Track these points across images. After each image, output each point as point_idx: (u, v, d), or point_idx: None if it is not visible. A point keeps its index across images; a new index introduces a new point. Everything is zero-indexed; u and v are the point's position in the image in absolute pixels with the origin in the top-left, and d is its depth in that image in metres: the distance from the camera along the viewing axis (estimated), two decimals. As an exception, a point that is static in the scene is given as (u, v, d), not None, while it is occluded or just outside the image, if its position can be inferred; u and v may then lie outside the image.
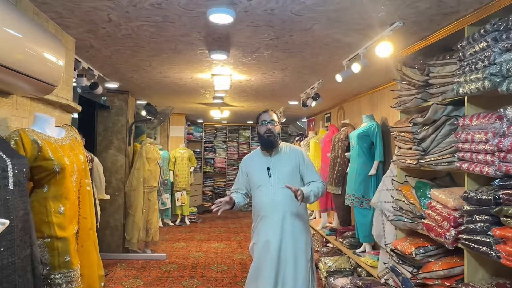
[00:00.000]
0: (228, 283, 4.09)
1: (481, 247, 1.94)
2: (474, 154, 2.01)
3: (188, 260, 4.93)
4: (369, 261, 3.74)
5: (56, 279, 1.88)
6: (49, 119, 2.00)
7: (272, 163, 2.39)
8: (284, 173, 2.35)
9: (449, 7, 2.07)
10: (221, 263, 4.84)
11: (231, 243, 5.93)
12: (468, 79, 2.05)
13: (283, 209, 2.30)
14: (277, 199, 2.31)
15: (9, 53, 1.61)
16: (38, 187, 1.90)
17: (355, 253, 4.13)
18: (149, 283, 4.05)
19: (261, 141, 2.44)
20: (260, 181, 2.37)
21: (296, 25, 2.41)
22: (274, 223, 2.29)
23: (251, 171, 2.44)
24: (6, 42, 1.59)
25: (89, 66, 3.50)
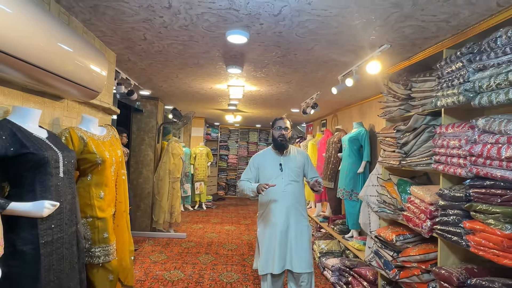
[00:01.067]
0: (237, 260, 4.09)
1: (452, 236, 1.91)
2: (449, 157, 1.98)
3: (204, 239, 4.94)
4: (356, 245, 3.70)
5: (96, 252, 1.89)
6: (93, 120, 2.01)
7: (284, 161, 2.41)
8: (293, 169, 2.39)
9: (430, 32, 2.04)
10: (231, 243, 4.84)
11: (240, 226, 5.92)
12: (445, 94, 2.01)
13: (291, 198, 2.34)
14: (287, 189, 2.34)
15: (62, 65, 1.63)
16: (83, 175, 1.92)
17: (344, 238, 4.09)
18: (171, 257, 4.07)
19: (274, 143, 2.46)
20: (273, 174, 2.38)
21: (300, 46, 2.40)
22: (284, 208, 2.31)
23: (264, 166, 2.44)
24: (59, 55, 1.61)
25: (127, 76, 3.52)
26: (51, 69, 1.53)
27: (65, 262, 1.49)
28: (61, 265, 1.47)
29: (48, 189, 1.43)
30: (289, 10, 1.82)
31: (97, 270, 1.90)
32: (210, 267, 3.77)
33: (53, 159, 1.47)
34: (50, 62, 1.52)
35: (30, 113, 1.52)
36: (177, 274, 3.51)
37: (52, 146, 1.52)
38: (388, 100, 2.82)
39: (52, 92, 1.85)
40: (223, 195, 9.38)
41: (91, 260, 1.88)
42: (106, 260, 1.92)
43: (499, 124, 1.61)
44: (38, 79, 1.55)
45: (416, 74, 2.43)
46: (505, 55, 1.62)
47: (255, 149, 9.92)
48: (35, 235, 1.37)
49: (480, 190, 1.74)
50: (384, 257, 2.61)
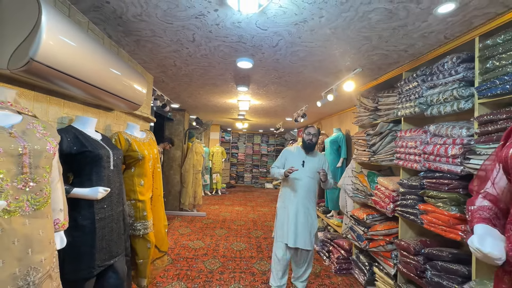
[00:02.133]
0: (244, 233, 4.07)
1: (410, 216, 1.89)
2: (407, 155, 1.96)
3: (219, 217, 4.93)
4: (335, 222, 3.67)
5: (138, 226, 1.89)
6: (136, 126, 2.02)
7: (307, 159, 2.34)
8: (312, 168, 2.32)
9: (392, 59, 2.02)
10: (240, 220, 4.83)
11: (247, 208, 5.91)
12: (404, 106, 1.99)
13: (305, 189, 2.27)
14: (304, 182, 2.28)
15: (113, 84, 1.65)
16: (128, 168, 1.93)
17: (326, 216, 4.07)
18: (195, 231, 4.07)
19: (303, 144, 2.36)
20: (296, 167, 2.29)
21: (292, 69, 2.39)
22: (298, 195, 2.26)
23: (290, 158, 2.36)
24: (111, 77, 1.62)
25: (161, 93, 3.54)
26: (105, 88, 1.55)
27: (114, 234, 1.50)
28: (111, 236, 1.48)
29: (102, 178, 1.44)
30: (284, 42, 1.82)
31: (138, 240, 1.91)
32: (224, 238, 3.76)
33: (105, 156, 1.48)
34: (104, 82, 1.53)
35: (88, 121, 1.54)
36: (198, 244, 3.51)
37: (105, 146, 1.53)
38: (360, 111, 2.80)
39: (105, 105, 1.86)
40: (234, 184, 9.37)
41: (134, 232, 1.88)
42: (145, 233, 1.92)
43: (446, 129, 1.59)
44: (95, 95, 1.56)
45: (382, 91, 2.41)
46: (450, 76, 1.60)
47: (258, 149, 9.91)
48: (92, 213, 1.38)
49: (431, 180, 1.72)
50: (357, 232, 2.59)
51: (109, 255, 1.45)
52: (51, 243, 1.03)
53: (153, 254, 2.01)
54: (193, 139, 5.49)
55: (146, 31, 1.73)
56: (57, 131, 1.28)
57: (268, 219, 4.99)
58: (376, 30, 1.59)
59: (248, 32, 1.70)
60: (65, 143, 1.35)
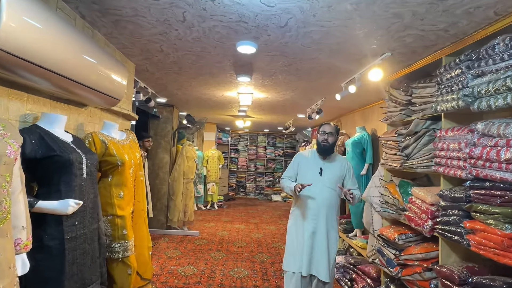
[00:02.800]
0: (246, 256, 4.06)
1: (453, 236, 1.86)
2: (449, 160, 1.94)
3: (216, 237, 4.94)
4: (360, 243, 3.64)
5: (116, 247, 1.91)
6: (114, 125, 2.04)
7: (325, 166, 2.24)
8: (332, 177, 2.21)
9: (429, 40, 2.01)
10: (241, 240, 4.82)
11: (249, 225, 5.90)
12: (444, 99, 1.98)
13: (324, 205, 2.17)
14: (323, 195, 2.17)
15: (86, 75, 1.67)
16: (104, 176, 1.95)
17: (348, 236, 4.04)
18: (185, 253, 4.07)
19: (318, 147, 2.28)
20: (311, 176, 2.21)
21: (305, 55, 2.39)
22: (316, 213, 2.15)
23: (304, 166, 2.28)
24: (84, 66, 1.64)
25: (145, 85, 3.57)
26: (77, 79, 1.56)
27: (87, 257, 1.51)
28: (83, 259, 1.48)
29: (73, 189, 1.46)
30: (294, 22, 1.82)
31: (117, 265, 1.92)
32: (221, 263, 3.76)
33: (77, 161, 1.49)
34: (76, 72, 1.55)
35: (57, 119, 1.56)
36: (190, 269, 3.51)
37: (77, 149, 1.55)
38: (389, 106, 2.78)
39: (77, 100, 1.88)
40: (234, 196, 9.37)
41: (111, 255, 1.89)
42: (125, 255, 1.93)
43: (498, 128, 1.57)
44: (65, 88, 1.58)
45: (416, 81, 2.39)
46: (502, 61, 1.58)
47: (263, 152, 9.91)
48: (61, 231, 1.39)
49: (480, 191, 1.69)
50: (387, 255, 2.56)
51: (81, 283, 1.46)
52: (11, 268, 1.04)
53: (134, 282, 2.02)
54: (183, 140, 5.53)
55: (127, 9, 1.75)
56: (19, 131, 1.29)
57: (276, 239, 4.97)
58: (408, 5, 1.58)
59: (251, 10, 1.70)
60: (28, 146, 1.36)
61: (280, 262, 3.88)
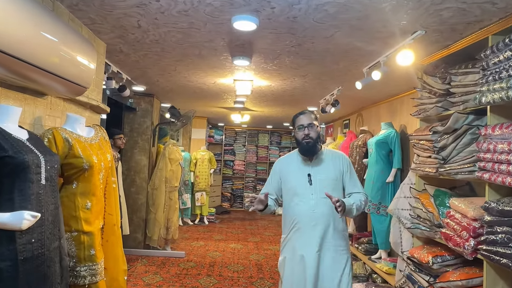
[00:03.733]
0: (244, 283, 4.07)
1: (501, 258, 1.86)
2: (496, 164, 1.94)
3: (206, 259, 4.95)
4: (385, 267, 3.65)
5: (82, 271, 1.91)
6: (80, 119, 2.04)
7: (314, 170, 2.08)
8: (327, 181, 2.05)
9: (473, 16, 2.01)
10: (237, 263, 4.83)
11: (248, 244, 5.91)
12: (491, 89, 1.98)
13: (325, 222, 2.00)
14: (318, 210, 2.00)
15: (45, 56, 1.67)
16: (67, 183, 1.95)
17: (371, 259, 4.05)
18: (168, 279, 4.08)
19: (300, 147, 2.13)
20: (299, 189, 2.06)
21: (318, 33, 2.40)
22: (314, 237, 1.99)
23: (287, 176, 2.13)
24: (43, 46, 1.65)
25: (118, 70, 3.58)
26: (33, 61, 1.57)
27: (46, 282, 1.51)
28: (42, 285, 1.49)
29: (28, 198, 1.46)
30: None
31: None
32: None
33: (34, 164, 1.50)
34: (32, 53, 1.56)
35: (9, 111, 1.56)
36: (174, 299, 3.53)
37: (33, 149, 1.55)
38: (422, 97, 2.79)
39: (34, 88, 1.89)
40: (228, 208, 9.40)
41: (76, 281, 1.89)
42: (93, 281, 1.93)
43: (557, 124, 1.58)
44: (18, 73, 1.58)
45: (456, 66, 2.40)
46: None
47: (265, 154, 9.92)
48: (13, 250, 1.39)
49: (535, 203, 1.70)
50: (419, 283, 2.57)
51: (39, 315, 1.47)
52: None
53: (105, 315, 2.02)
54: (166, 139, 5.55)
55: (96, -25, 1.76)
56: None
57: (281, 262, 4.99)
58: (447, -29, 1.59)
59: (251, -24, 1.71)
60: (-27, 144, 1.37)
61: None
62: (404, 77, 3.28)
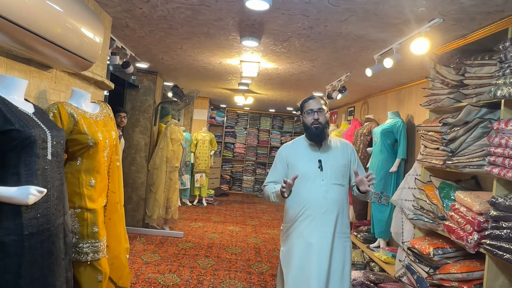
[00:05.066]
0: (241, 266, 4.13)
1: (505, 253, 1.87)
2: (507, 159, 1.93)
3: (204, 240, 5.01)
4: (383, 256, 3.70)
5: (84, 248, 1.92)
6: (85, 94, 2.02)
7: (323, 156, 2.06)
8: (337, 167, 2.04)
9: (494, 5, 1.96)
10: (235, 246, 4.89)
11: (246, 227, 5.98)
12: (508, 82, 1.95)
13: (337, 209, 1.99)
14: (330, 196, 1.98)
15: (50, 26, 1.63)
16: (72, 159, 1.94)
17: (369, 247, 4.10)
18: (166, 258, 4.14)
19: (308, 133, 2.10)
20: (308, 174, 2.02)
21: (332, 16, 2.34)
22: (325, 224, 1.97)
23: (296, 162, 2.09)
24: (47, 15, 1.61)
25: (123, 45, 3.52)
26: (37, 31, 1.53)
27: (51, 258, 1.52)
28: (46, 261, 1.50)
29: (34, 173, 1.45)
30: (323, -29, 1.77)
31: (85, 269, 1.94)
32: (210, 273, 3.82)
33: (40, 139, 1.48)
34: (36, 22, 1.52)
35: (15, 83, 1.53)
36: (172, 278, 3.58)
37: (40, 123, 1.54)
38: (434, 87, 2.75)
39: (39, 60, 1.85)
40: (227, 190, 9.44)
41: (78, 257, 1.91)
42: (95, 258, 1.95)
43: None
44: (23, 43, 1.55)
45: (472, 57, 2.36)
46: None
47: (266, 138, 9.90)
48: (19, 225, 1.40)
49: (544, 200, 1.70)
50: (418, 273, 2.60)
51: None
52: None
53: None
54: (167, 118, 5.51)
55: None
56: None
57: (278, 246, 5.04)
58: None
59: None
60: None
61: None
62: (415, 66, 3.24)
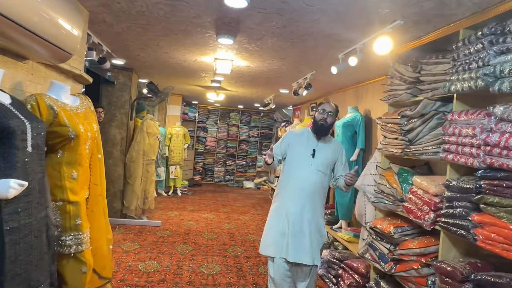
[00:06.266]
0: (217, 250, 4.04)
1: (458, 230, 1.93)
2: (460, 146, 1.98)
3: (181, 228, 4.85)
4: (346, 236, 3.76)
5: (67, 240, 1.76)
6: (65, 87, 1.82)
7: (318, 147, 2.36)
8: (325, 160, 2.35)
9: (449, 8, 1.99)
10: (211, 232, 4.78)
11: (220, 215, 5.87)
12: (460, 78, 2.00)
13: (314, 188, 2.31)
14: (313, 178, 2.30)
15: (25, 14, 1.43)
16: (52, 152, 1.75)
17: (332, 228, 4.15)
18: (145, 246, 3.95)
19: (314, 126, 2.39)
20: (303, 158, 2.33)
21: (305, 16, 2.28)
22: (304, 195, 2.28)
23: (296, 145, 2.39)
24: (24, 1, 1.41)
25: (99, 41, 3.27)
26: (14, 18, 1.34)
27: (34, 253, 1.36)
28: (29, 256, 1.34)
29: (14, 166, 1.28)
30: (301, -29, 1.70)
31: (68, 261, 1.78)
32: (189, 258, 3.70)
33: (19, 130, 1.31)
34: (12, 8, 1.32)
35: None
36: (152, 265, 3.42)
37: (18, 114, 1.35)
38: (393, 83, 2.79)
39: (15, 50, 1.64)
40: (199, 181, 9.25)
41: (61, 250, 1.75)
42: (78, 250, 1.79)
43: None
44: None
45: (427, 56, 2.40)
46: (533, 37, 1.60)
47: (236, 132, 9.79)
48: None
49: (493, 181, 1.75)
50: (380, 250, 2.64)
51: (26, 285, 1.33)
52: None
53: (90, 282, 1.90)
54: (143, 113, 5.26)
55: None
56: None
57: (251, 230, 5.00)
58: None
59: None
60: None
61: (257, 256, 3.91)
62: (372, 66, 3.28)
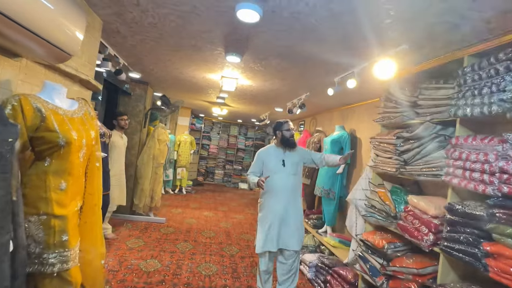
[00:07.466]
0: (215, 249, 3.51)
1: (465, 256, 1.49)
2: (468, 171, 1.55)
3: (183, 225, 4.30)
4: (331, 241, 3.28)
5: (50, 258, 1.24)
6: (58, 88, 1.32)
7: (286, 157, 2.34)
8: (293, 164, 2.32)
9: (460, 34, 1.58)
10: (210, 230, 4.24)
11: (218, 213, 5.33)
12: (469, 103, 1.58)
13: (291, 189, 2.29)
14: (288, 182, 2.28)
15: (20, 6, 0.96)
16: (39, 159, 1.25)
17: (318, 232, 3.68)
18: (149, 243, 3.40)
19: (284, 141, 2.33)
20: (276, 169, 2.29)
21: (313, 35, 1.85)
22: (285, 197, 2.27)
23: (268, 160, 2.34)
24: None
25: (115, 53, 2.78)
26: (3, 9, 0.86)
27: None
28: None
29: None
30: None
31: (51, 281, 1.25)
32: (188, 257, 3.16)
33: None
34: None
35: None
36: (153, 264, 2.87)
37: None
38: (386, 106, 2.37)
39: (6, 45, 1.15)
40: (202, 181, 8.69)
41: (43, 269, 1.23)
42: (63, 268, 1.27)
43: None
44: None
45: (427, 81, 1.99)
46: None
47: (234, 142, 9.32)
48: None
49: (509, 211, 1.33)
50: (371, 263, 2.18)
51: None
52: None
53: (76, 302, 1.37)
54: (156, 122, 4.73)
55: None
56: None
57: (245, 229, 4.48)
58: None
59: None
60: None
61: (250, 256, 3.40)
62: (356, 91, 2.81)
